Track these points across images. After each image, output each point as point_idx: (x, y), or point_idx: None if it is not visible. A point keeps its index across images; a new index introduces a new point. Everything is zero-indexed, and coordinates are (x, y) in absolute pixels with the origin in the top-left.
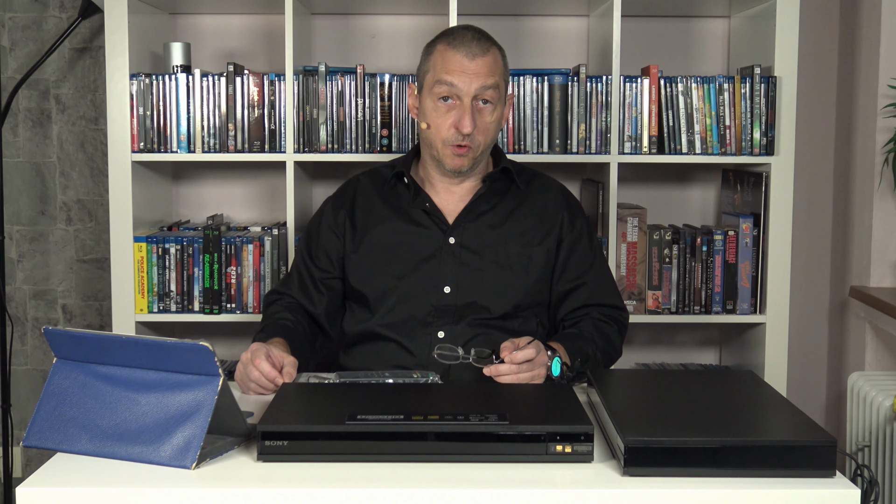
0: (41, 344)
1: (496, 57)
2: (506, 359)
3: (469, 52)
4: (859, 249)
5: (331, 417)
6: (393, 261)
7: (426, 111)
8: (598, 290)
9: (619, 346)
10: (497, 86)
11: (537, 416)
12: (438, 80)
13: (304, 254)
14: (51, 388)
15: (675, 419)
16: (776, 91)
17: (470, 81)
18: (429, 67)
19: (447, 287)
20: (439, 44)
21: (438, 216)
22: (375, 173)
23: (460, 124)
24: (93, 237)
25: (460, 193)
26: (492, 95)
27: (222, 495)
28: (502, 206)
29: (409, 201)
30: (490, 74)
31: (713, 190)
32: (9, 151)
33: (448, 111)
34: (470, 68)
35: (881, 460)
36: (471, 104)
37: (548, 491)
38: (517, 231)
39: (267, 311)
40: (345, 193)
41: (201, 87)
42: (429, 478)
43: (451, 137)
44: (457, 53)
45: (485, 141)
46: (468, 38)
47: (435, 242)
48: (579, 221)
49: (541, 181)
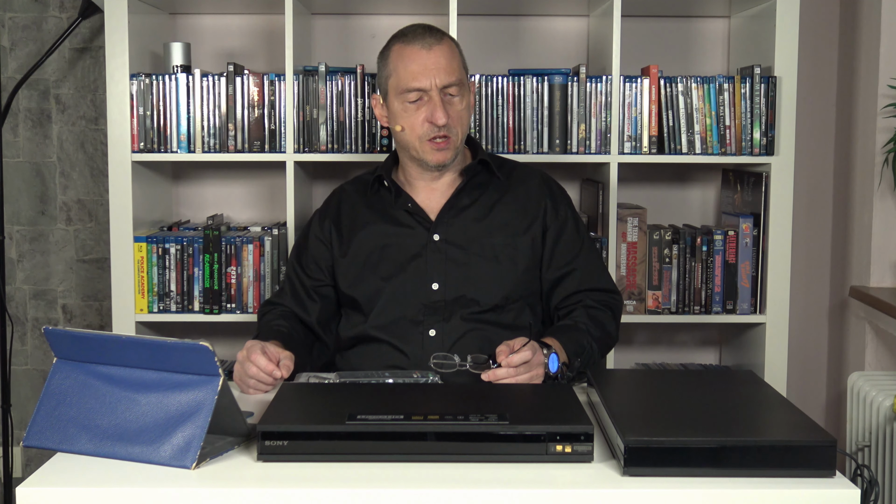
0: (41, 344)
1: (451, 45)
2: (502, 363)
3: (424, 43)
4: (859, 249)
5: (331, 417)
6: (380, 263)
7: (396, 114)
8: (589, 275)
9: (614, 333)
10: (459, 74)
11: (537, 415)
12: (402, 82)
13: (295, 264)
14: (51, 388)
15: (675, 419)
16: (776, 91)
17: (434, 75)
18: (389, 72)
19: (435, 284)
20: (394, 45)
21: (421, 215)
22: (358, 181)
23: (434, 117)
24: (93, 237)
25: (441, 190)
26: (457, 85)
27: (222, 495)
28: (484, 199)
29: (391, 203)
30: (450, 64)
31: (713, 190)
32: (9, 151)
33: (418, 108)
34: (430, 59)
35: (881, 460)
36: (440, 97)
37: (548, 491)
38: (501, 222)
39: (262, 320)
40: (330, 203)
41: (201, 87)
42: (429, 478)
43: (426, 132)
44: (413, 47)
45: (461, 130)
46: (419, 31)
47: (420, 241)
48: (563, 208)
49: (522, 171)
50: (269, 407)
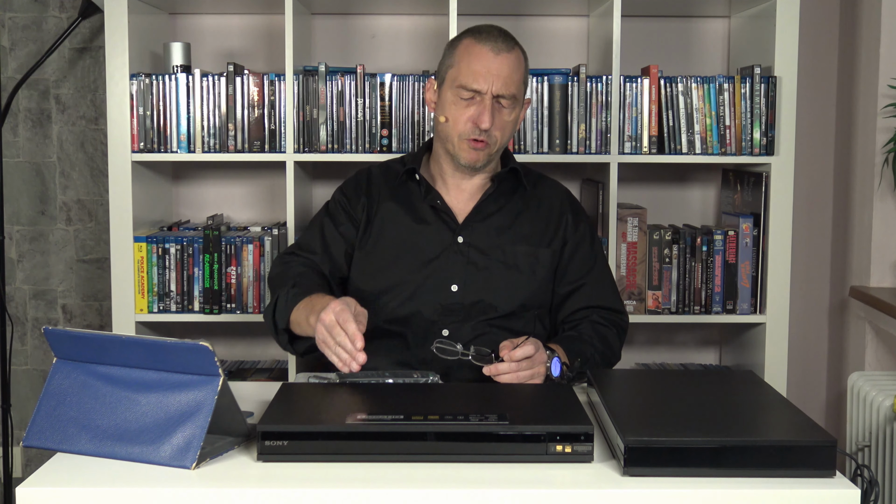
0: (41, 344)
1: (519, 57)
2: (505, 357)
3: (495, 46)
4: (859, 249)
5: (331, 417)
6: (402, 257)
7: (445, 104)
8: (598, 293)
9: (617, 351)
10: (518, 86)
11: (537, 416)
12: (462, 74)
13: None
14: (51, 388)
15: (675, 419)
16: (776, 91)
17: (494, 78)
18: (453, 62)
19: (454, 285)
20: (465, 38)
21: (448, 214)
22: (387, 168)
23: (479, 119)
24: (93, 237)
25: (470, 191)
26: (512, 95)
27: (222, 495)
28: (510, 208)
29: (419, 197)
30: (511, 76)
31: (713, 190)
32: (9, 151)
33: (467, 106)
34: (494, 64)
35: (881, 460)
36: (491, 102)
37: (548, 491)
38: (524, 233)
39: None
40: (359, 182)
41: (201, 87)
42: (429, 478)
43: (467, 131)
44: (483, 47)
45: (501, 139)
46: (494, 34)
47: (443, 241)
48: (583, 225)
49: (546, 184)
50: (269, 407)
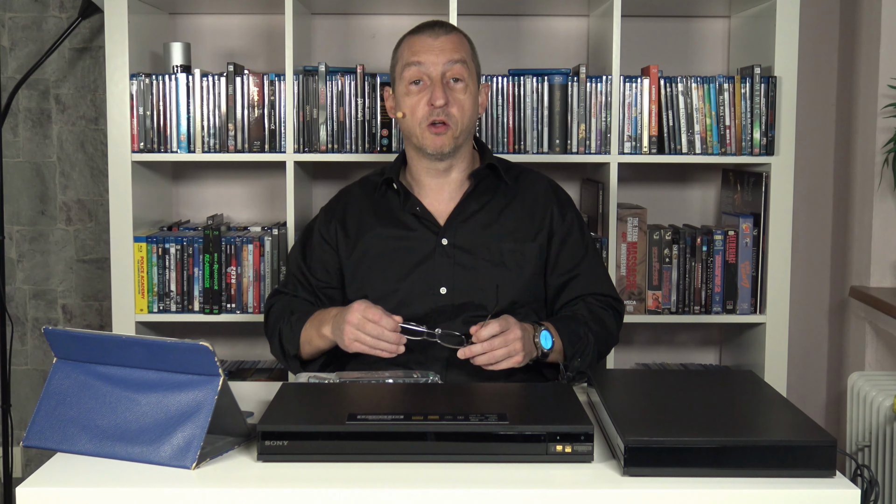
0: (41, 344)
1: (461, 38)
2: (473, 337)
3: (432, 32)
4: (859, 249)
5: (331, 417)
6: (388, 266)
7: (400, 101)
8: (592, 281)
9: (614, 332)
10: (464, 62)
11: (537, 416)
12: (407, 64)
13: (301, 263)
14: (51, 388)
15: (675, 419)
16: (776, 91)
17: (436, 57)
18: (397, 59)
19: (443, 288)
20: (405, 38)
21: (429, 219)
22: (365, 182)
23: (433, 98)
24: (93, 237)
25: (450, 192)
26: (460, 71)
27: (222, 495)
28: (493, 205)
29: (399, 206)
30: (455, 50)
31: (713, 190)
32: (9, 151)
33: (420, 92)
34: (435, 43)
35: (881, 460)
36: (441, 80)
37: (548, 491)
38: (509, 228)
39: (275, 308)
40: (336, 204)
41: (201, 87)
42: (429, 478)
43: (425, 116)
44: (421, 35)
45: (462, 119)
46: (431, 23)
47: (428, 245)
48: (569, 214)
49: (529, 177)
50: (269, 407)
